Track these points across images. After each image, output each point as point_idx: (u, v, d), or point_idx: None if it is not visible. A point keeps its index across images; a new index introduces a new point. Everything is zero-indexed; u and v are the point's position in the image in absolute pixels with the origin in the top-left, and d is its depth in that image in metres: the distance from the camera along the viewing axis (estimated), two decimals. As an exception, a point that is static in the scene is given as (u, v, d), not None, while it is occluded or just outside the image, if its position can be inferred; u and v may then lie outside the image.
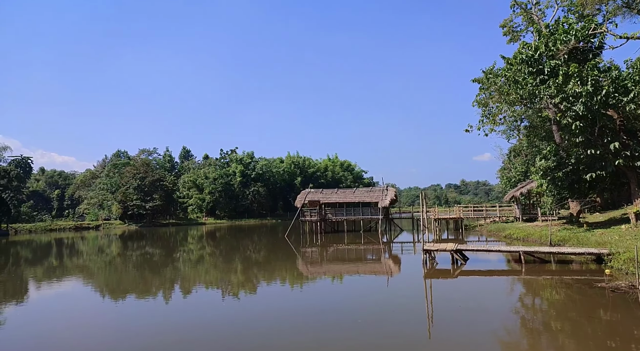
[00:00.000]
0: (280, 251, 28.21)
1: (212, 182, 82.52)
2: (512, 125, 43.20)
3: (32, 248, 36.99)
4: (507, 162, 51.13)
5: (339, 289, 15.05)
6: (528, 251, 17.30)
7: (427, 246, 17.87)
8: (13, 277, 19.65)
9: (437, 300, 11.94)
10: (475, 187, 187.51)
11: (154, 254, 28.73)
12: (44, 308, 12.98)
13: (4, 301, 14.00)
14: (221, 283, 16.39)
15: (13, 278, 19.28)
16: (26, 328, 10.34)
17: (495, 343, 8.04)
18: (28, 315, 12.04)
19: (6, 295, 15.13)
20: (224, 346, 8.27)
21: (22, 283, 17.95)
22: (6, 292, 15.80)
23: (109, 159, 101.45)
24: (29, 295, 15.41)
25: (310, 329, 9.26)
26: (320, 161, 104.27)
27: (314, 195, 43.91)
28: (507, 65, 22.51)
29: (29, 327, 10.45)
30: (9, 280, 18.86)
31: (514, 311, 10.72)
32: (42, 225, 69.36)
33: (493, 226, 36.41)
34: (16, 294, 15.39)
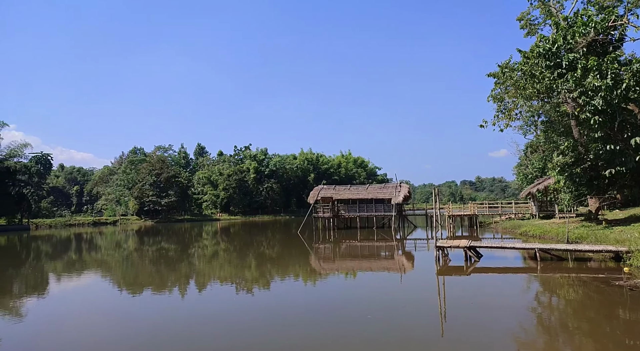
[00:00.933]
0: (293, 247, 28.34)
1: (226, 179, 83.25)
2: (529, 120, 42.37)
3: (52, 243, 37.93)
4: (523, 158, 50.30)
5: (351, 285, 15.06)
6: (544, 248, 17.02)
7: (440, 243, 17.73)
8: (34, 271, 20.21)
9: (449, 297, 11.85)
10: (491, 183, 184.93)
11: (169, 249, 29.17)
12: (64, 301, 13.32)
13: (25, 295, 14.42)
14: (235, 278, 16.56)
15: (34, 272, 19.83)
16: (47, 321, 10.63)
17: (510, 342, 7.94)
18: (49, 307, 12.38)
19: (28, 288, 15.58)
20: (237, 340, 8.37)
21: (43, 277, 18.43)
22: (28, 285, 16.26)
23: (125, 156, 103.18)
24: (50, 288, 15.82)
25: (321, 325, 9.29)
26: (333, 157, 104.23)
27: (327, 191, 43.92)
28: (523, 58, 22.05)
29: (49, 320, 10.75)
30: (30, 273, 19.40)
31: (530, 310, 10.57)
32: (62, 220, 71.01)
33: (508, 223, 35.90)
34: (37, 287, 15.81)
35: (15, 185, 59.09)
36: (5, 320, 11.01)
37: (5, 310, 12.00)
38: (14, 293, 14.66)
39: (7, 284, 16.66)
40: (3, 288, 15.66)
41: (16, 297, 13.93)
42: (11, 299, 13.59)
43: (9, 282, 17.08)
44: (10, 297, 13.92)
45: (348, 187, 46.23)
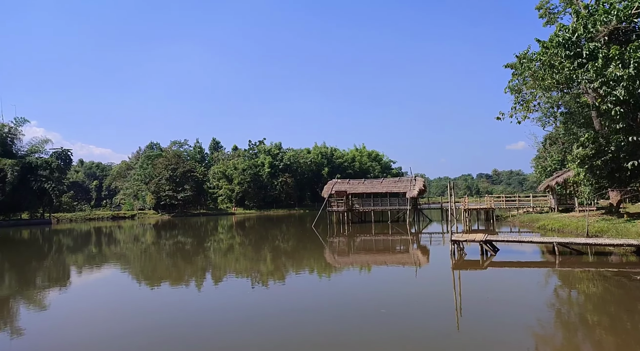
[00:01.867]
0: (308, 241, 28.46)
1: (241, 173, 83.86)
2: (548, 111, 41.52)
3: (73, 237, 38.90)
4: (542, 151, 49.34)
5: (366, 279, 15.07)
6: (563, 242, 16.71)
7: (455, 236, 17.57)
8: (56, 264, 20.78)
9: (465, 292, 11.76)
10: (508, 176, 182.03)
11: (185, 243, 29.62)
12: (85, 293, 13.67)
13: (48, 287, 14.85)
14: (251, 272, 16.73)
15: (56, 265, 20.40)
16: (69, 312, 10.94)
17: (528, 337, 7.84)
18: (71, 299, 12.72)
19: (50, 281, 16.03)
20: (253, 332, 8.47)
21: (65, 270, 18.95)
22: (50, 278, 16.73)
23: (142, 151, 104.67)
24: (71, 280, 16.25)
25: (336, 319, 9.33)
26: (347, 151, 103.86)
27: (341, 185, 43.87)
28: (542, 49, 21.53)
29: (71, 311, 11.06)
30: (52, 266, 19.96)
31: (548, 304, 10.41)
32: (82, 215, 72.69)
33: (526, 217, 35.34)
34: (59, 280, 16.27)
35: (36, 180, 60.63)
36: (30, 311, 11.36)
37: (29, 301, 12.39)
38: (38, 285, 15.12)
39: (30, 276, 17.19)
40: (27, 280, 16.17)
41: (39, 289, 14.36)
42: (35, 291, 14.02)
43: (33, 274, 17.61)
44: (34, 289, 14.36)
45: (362, 180, 46.09)
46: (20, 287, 14.83)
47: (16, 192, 58.10)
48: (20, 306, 11.85)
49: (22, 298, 12.90)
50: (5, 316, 10.74)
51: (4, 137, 61.98)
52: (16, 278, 16.81)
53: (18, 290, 14.32)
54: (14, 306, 11.80)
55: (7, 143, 62.42)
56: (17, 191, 58.30)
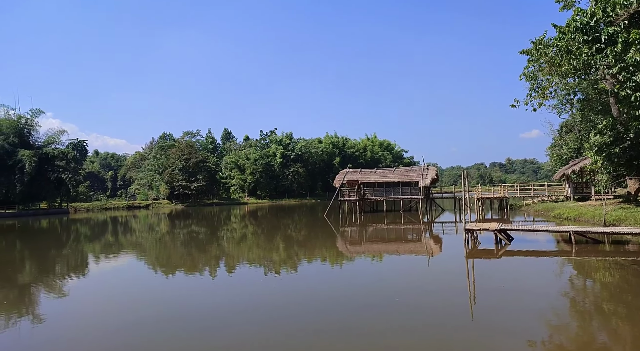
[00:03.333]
0: (320, 230, 28.57)
1: (253, 163, 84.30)
2: (564, 98, 40.57)
3: (90, 226, 39.72)
4: (557, 139, 48.41)
5: (378, 268, 15.10)
6: (579, 231, 16.46)
7: (469, 225, 17.43)
8: (75, 252, 21.28)
9: (479, 281, 11.70)
10: (522, 165, 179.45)
11: (199, 232, 30.01)
12: (102, 281, 13.99)
13: (67, 275, 15.23)
14: (263, 260, 16.90)
15: (75, 253, 20.89)
16: (88, 300, 11.22)
17: (542, 326, 7.79)
18: (89, 287, 13.04)
19: (69, 269, 16.43)
20: (265, 321, 8.58)
21: (83, 258, 19.39)
22: (69, 266, 17.15)
23: (155, 141, 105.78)
24: (89, 268, 16.63)
25: (347, 307, 9.39)
26: (359, 141, 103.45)
27: (353, 174, 43.79)
28: (559, 34, 20.95)
29: (90, 298, 11.33)
30: (71, 254, 20.44)
31: (563, 293, 10.31)
32: (98, 204, 74.10)
33: (541, 205, 34.88)
34: (78, 268, 16.66)
35: (54, 171, 61.87)
36: (50, 298, 11.68)
37: (49, 288, 12.73)
38: (57, 273, 15.51)
39: (50, 264, 17.64)
40: (46, 268, 16.60)
41: (59, 276, 14.73)
42: (54, 278, 14.39)
43: (52, 262, 18.07)
44: (53, 276, 14.74)
45: (374, 170, 45.92)
46: (40, 274, 15.23)
47: (34, 182, 59.42)
48: (40, 293, 12.18)
49: (42, 285, 13.27)
50: (27, 302, 11.06)
51: (20, 129, 63.17)
52: (36, 266, 17.27)
53: (38, 277, 14.72)
54: (35, 293, 12.14)
55: (24, 135, 63.64)
56: (35, 181, 59.63)
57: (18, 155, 58.39)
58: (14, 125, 61.99)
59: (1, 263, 17.80)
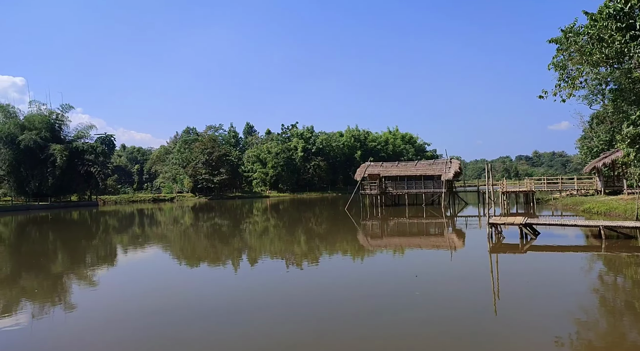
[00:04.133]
0: (341, 224, 28.59)
1: (275, 157, 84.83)
2: (595, 88, 39.02)
3: (118, 218, 40.96)
4: (588, 130, 46.73)
5: (399, 262, 15.01)
6: (610, 226, 15.92)
7: (493, 219, 17.10)
8: (104, 243, 22.01)
9: (503, 276, 11.48)
10: (550, 158, 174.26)
11: (222, 225, 30.51)
12: (131, 271, 14.45)
13: (97, 265, 15.78)
14: (285, 253, 17.05)
15: (104, 244, 21.61)
16: (117, 289, 11.60)
17: (569, 323, 7.59)
18: (118, 277, 13.48)
19: (99, 259, 17.02)
20: (287, 310, 8.68)
21: (112, 249, 20.04)
22: (99, 256, 17.76)
23: (179, 136, 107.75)
24: (118, 259, 17.18)
25: (368, 301, 9.38)
26: (380, 134, 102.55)
27: (374, 168, 43.52)
28: (590, 21, 20.12)
29: (119, 288, 11.72)
30: (100, 245, 21.16)
31: (592, 290, 10.01)
32: (126, 197, 76.24)
33: (569, 200, 33.86)
34: (107, 258, 17.24)
35: (83, 165, 63.92)
36: (81, 287, 12.14)
37: (80, 278, 13.23)
38: (87, 263, 16.09)
39: (80, 255, 18.31)
40: (77, 259, 17.24)
41: (89, 267, 15.28)
42: (85, 268, 14.94)
43: (82, 253, 18.75)
44: (83, 267, 15.30)
45: (396, 163, 45.50)
46: (71, 264, 15.84)
47: (65, 175, 61.58)
48: (71, 282, 12.67)
49: (74, 274, 13.79)
50: (60, 291, 11.53)
51: (52, 124, 65.39)
52: (68, 256, 17.95)
53: (70, 267, 15.31)
54: (67, 282, 12.64)
55: (55, 129, 65.87)
56: (66, 174, 61.79)
57: (50, 149, 60.57)
58: (46, 120, 64.22)
59: (35, 253, 18.59)
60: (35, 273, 13.84)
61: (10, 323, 8.39)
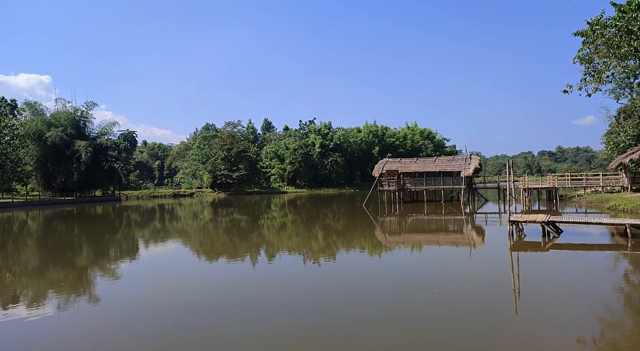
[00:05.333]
0: (359, 220, 28.53)
1: (292, 153, 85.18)
2: (623, 82, 37.83)
3: (140, 212, 41.89)
4: (614, 125, 45.31)
5: (417, 259, 14.90)
6: (637, 224, 15.41)
7: (514, 217, 16.77)
8: (127, 237, 22.58)
9: (524, 274, 11.27)
10: (574, 153, 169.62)
11: (240, 220, 30.86)
12: (152, 265, 14.78)
13: (120, 258, 16.19)
14: (303, 249, 17.14)
15: (127, 238, 22.15)
16: (139, 282, 11.90)
17: (593, 322, 7.41)
18: (141, 271, 13.81)
19: (122, 253, 17.47)
20: (305, 306, 8.74)
21: (134, 243, 20.54)
22: (122, 250, 18.23)
23: (199, 132, 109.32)
24: (140, 253, 17.60)
25: (385, 297, 9.36)
26: (398, 130, 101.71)
27: (392, 164, 43.22)
28: (618, 13, 19.44)
29: (141, 281, 12.01)
30: (123, 239, 21.70)
31: (617, 289, 9.73)
32: (147, 192, 77.88)
33: (594, 196, 32.91)
34: (130, 252, 17.67)
35: (107, 160, 65.58)
36: (105, 280, 12.49)
37: (103, 271, 13.61)
38: (111, 257, 16.54)
39: (104, 248, 18.83)
40: (101, 252, 17.73)
41: (113, 260, 15.71)
42: (108, 262, 15.36)
43: (106, 247, 19.27)
44: (107, 260, 15.73)
45: (414, 159, 45.08)
46: (95, 258, 16.30)
47: (90, 171, 63.32)
48: (96, 275, 13.04)
49: (98, 268, 14.19)
50: (85, 284, 11.89)
51: (77, 120, 67.22)
52: (92, 250, 18.48)
53: (94, 260, 15.76)
54: (92, 275, 13.02)
55: (80, 126, 67.70)
56: (91, 170, 63.52)
57: (75, 145, 62.31)
58: (71, 117, 66.04)
59: (61, 247, 19.21)
60: (61, 266, 14.30)
61: (38, 314, 8.71)
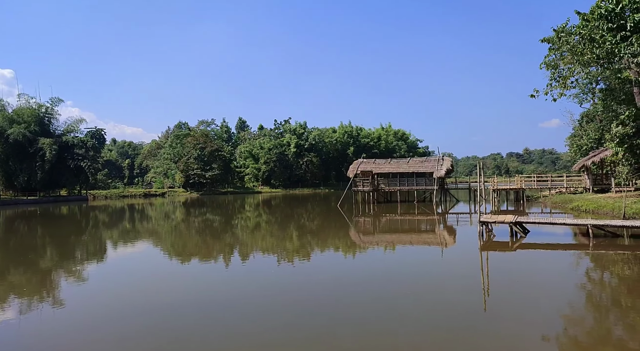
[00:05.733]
0: (333, 220, 28.64)
1: (267, 152, 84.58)
2: (586, 88, 39.43)
3: (108, 213, 40.59)
4: (578, 129, 47.26)
5: (391, 259, 15.10)
6: (598, 224, 16.13)
7: (483, 218, 17.24)
8: (94, 238, 21.81)
9: (493, 273, 11.61)
10: (540, 155, 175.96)
11: (214, 220, 30.40)
12: (120, 267, 14.34)
13: (86, 260, 15.63)
14: (277, 249, 17.05)
15: (94, 239, 21.41)
16: (106, 285, 11.51)
17: (557, 318, 7.71)
18: (107, 273, 13.37)
19: (88, 255, 16.87)
20: (277, 308, 8.69)
21: (101, 244, 19.87)
22: (88, 252, 17.60)
23: (171, 130, 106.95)
24: (108, 255, 17.04)
25: (360, 298, 9.43)
26: (373, 130, 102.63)
27: (367, 165, 43.62)
28: (582, 21, 20.31)
29: (108, 284, 11.63)
30: (90, 240, 20.96)
31: (579, 287, 10.17)
32: (116, 192, 75.53)
33: (559, 197, 34.25)
34: (97, 254, 17.09)
35: (73, 159, 63.16)
36: (69, 283, 12.02)
37: (69, 274, 13.10)
38: (77, 259, 15.94)
39: (69, 250, 18.13)
40: (67, 254, 17.07)
41: (78, 262, 15.14)
42: (74, 264, 14.80)
43: (72, 248, 18.57)
44: (73, 262, 15.15)
45: (388, 160, 45.66)
46: (60, 260, 15.68)
47: (54, 169, 60.82)
48: (60, 278, 12.55)
49: (63, 270, 13.66)
50: (48, 287, 11.42)
51: (41, 117, 64.45)
52: (56, 252, 17.76)
53: (58, 262, 15.16)
54: (55, 278, 12.52)
55: (44, 123, 64.93)
56: (56, 169, 61.02)
57: (39, 143, 59.70)
58: (35, 113, 63.25)
59: (23, 249, 18.37)
60: (23, 269, 13.68)
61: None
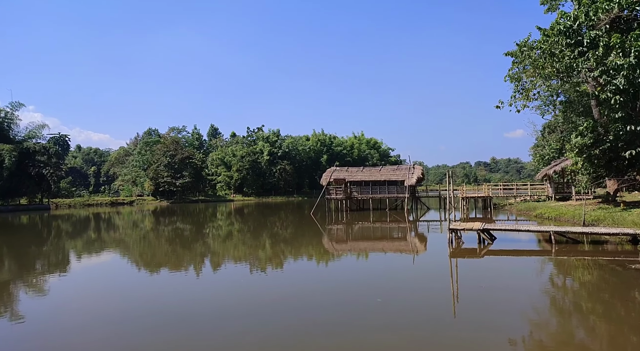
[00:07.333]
0: (307, 228, 28.59)
1: (240, 160, 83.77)
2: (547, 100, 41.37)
3: (72, 222, 38.96)
4: (540, 139, 49.39)
5: (363, 266, 15.20)
6: (560, 231, 16.84)
7: (453, 225, 17.65)
8: (55, 249, 20.85)
9: (462, 279, 11.88)
10: (506, 164, 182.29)
11: (184, 229, 29.72)
12: (84, 279, 13.75)
13: (47, 272, 14.92)
14: (249, 258, 16.84)
15: (55, 250, 20.47)
16: (68, 298, 11.01)
17: (523, 323, 7.97)
18: (70, 285, 12.80)
19: (50, 266, 16.10)
20: (249, 319, 8.57)
21: (64, 255, 19.03)
22: (50, 263, 16.81)
23: (140, 137, 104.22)
24: (70, 266, 16.33)
25: (332, 306, 9.44)
26: (346, 139, 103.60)
27: (340, 173, 43.91)
28: (543, 36, 21.34)
29: (71, 297, 11.13)
30: (51, 251, 20.04)
31: (543, 292, 10.55)
32: (81, 200, 72.71)
33: (523, 205, 35.52)
34: (58, 265, 16.34)
35: (34, 166, 60.43)
36: (29, 296, 11.44)
37: (29, 286, 12.47)
38: (37, 271, 15.18)
39: (30, 261, 17.25)
40: (26, 266, 16.24)
41: (39, 274, 14.42)
42: (34, 276, 14.09)
43: (32, 259, 17.67)
44: (33, 274, 14.43)
45: (361, 168, 46.13)
46: (19, 272, 14.90)
47: (14, 177, 57.97)
48: (20, 291, 11.93)
49: (22, 283, 12.98)
50: (6, 301, 10.82)
51: (0, 122, 61.51)
52: (16, 263, 16.88)
53: (18, 274, 14.40)
54: (14, 291, 11.89)
55: (3, 128, 62.04)
56: (15, 176, 58.18)
57: (-3, 149, 56.86)
58: (-7, 118, 60.36)
59: (-21, 260, 17.34)
60: (-22, 282, 12.91)
61: (-51, 337, 7.78)
